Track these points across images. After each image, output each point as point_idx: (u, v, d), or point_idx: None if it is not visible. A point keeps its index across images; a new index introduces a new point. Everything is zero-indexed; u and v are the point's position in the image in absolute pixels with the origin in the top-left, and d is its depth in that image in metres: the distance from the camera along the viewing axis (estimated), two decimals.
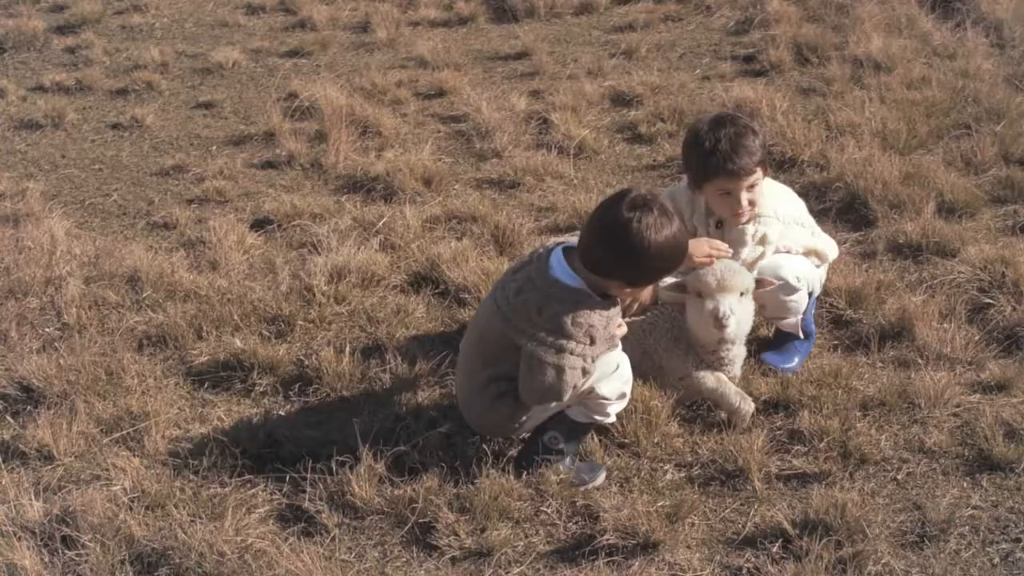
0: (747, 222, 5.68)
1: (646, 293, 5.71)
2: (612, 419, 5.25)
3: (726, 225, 5.75)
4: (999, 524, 4.87)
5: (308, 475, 5.09)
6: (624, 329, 5.15)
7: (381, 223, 7.23)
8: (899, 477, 5.16)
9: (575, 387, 4.94)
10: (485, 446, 5.25)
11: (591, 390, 5.05)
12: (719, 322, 5.34)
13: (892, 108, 8.46)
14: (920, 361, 5.84)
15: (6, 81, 10.05)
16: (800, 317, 5.83)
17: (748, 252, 5.68)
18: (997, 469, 5.15)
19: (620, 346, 5.16)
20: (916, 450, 5.30)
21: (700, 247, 5.44)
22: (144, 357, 6.12)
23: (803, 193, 7.56)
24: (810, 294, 5.89)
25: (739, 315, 5.40)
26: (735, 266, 5.46)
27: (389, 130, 8.80)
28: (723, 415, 5.50)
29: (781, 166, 7.96)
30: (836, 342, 6.12)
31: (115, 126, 9.26)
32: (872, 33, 9.77)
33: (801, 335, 5.88)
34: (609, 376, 5.08)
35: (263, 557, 4.70)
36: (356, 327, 6.30)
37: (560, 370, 4.87)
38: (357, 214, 7.48)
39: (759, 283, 5.52)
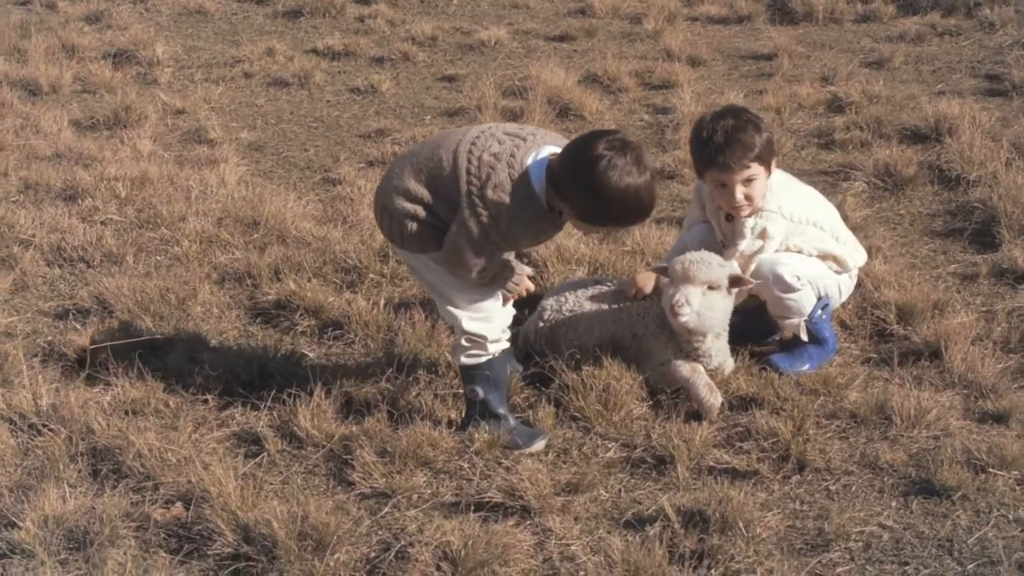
0: (747, 216, 5.68)
1: (647, 283, 5.84)
2: (495, 354, 5.35)
3: (734, 218, 5.76)
4: (896, 546, 4.73)
5: (268, 404, 5.53)
6: (524, 287, 5.39)
7: None
8: (832, 488, 5.08)
9: (462, 265, 5.06)
10: (421, 400, 5.54)
11: (465, 329, 5.26)
12: (672, 309, 5.40)
13: None
14: (937, 382, 5.69)
15: (278, 42, 10.93)
16: (804, 319, 5.77)
17: (746, 245, 5.68)
18: (934, 494, 4.98)
19: (500, 302, 5.37)
20: (866, 465, 5.19)
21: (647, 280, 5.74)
22: (221, 290, 6.70)
23: (952, 212, 7.41)
24: (820, 298, 5.81)
25: (699, 307, 5.42)
26: (709, 258, 5.47)
27: (592, 114, 9.09)
28: (694, 406, 5.56)
29: (947, 183, 7.75)
30: (874, 355, 5.99)
31: (353, 90, 9.96)
32: None
33: (804, 337, 5.80)
34: (479, 319, 5.27)
35: (196, 468, 5.16)
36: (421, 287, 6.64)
37: (477, 246, 5.02)
38: None
39: (737, 281, 5.52)
